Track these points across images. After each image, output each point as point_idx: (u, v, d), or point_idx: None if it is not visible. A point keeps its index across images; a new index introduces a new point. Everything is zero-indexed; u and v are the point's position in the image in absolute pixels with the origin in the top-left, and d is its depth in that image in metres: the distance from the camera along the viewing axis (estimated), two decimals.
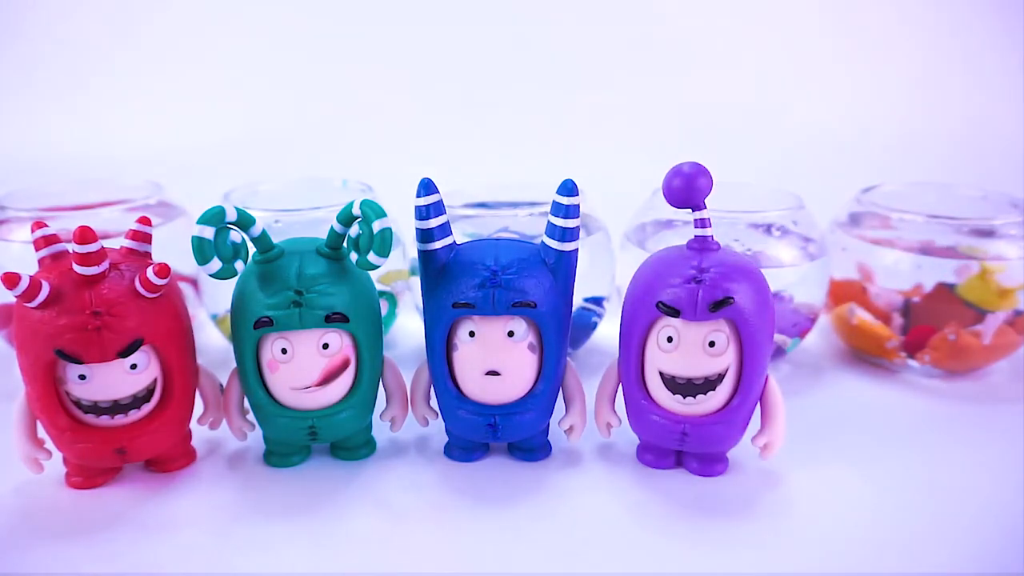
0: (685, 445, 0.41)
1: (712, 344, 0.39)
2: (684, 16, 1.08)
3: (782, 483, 0.42)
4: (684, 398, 0.40)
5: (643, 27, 1.08)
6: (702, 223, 0.39)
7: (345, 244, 0.40)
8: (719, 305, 0.37)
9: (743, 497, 0.41)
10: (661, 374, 0.40)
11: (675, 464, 0.43)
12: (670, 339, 0.39)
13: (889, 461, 0.44)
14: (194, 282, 0.58)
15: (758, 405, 0.41)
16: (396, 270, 0.57)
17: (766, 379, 0.41)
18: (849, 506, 0.40)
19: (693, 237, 0.40)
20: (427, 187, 0.39)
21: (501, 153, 1.00)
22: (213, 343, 0.60)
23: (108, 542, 0.37)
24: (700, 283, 0.38)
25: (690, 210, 0.39)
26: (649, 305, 0.39)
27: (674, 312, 0.38)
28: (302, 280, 0.39)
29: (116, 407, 0.39)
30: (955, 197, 0.57)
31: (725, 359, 0.39)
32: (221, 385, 0.44)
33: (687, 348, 0.39)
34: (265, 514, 0.40)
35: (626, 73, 1.08)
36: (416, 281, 0.50)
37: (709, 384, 0.39)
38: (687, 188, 0.38)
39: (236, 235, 0.39)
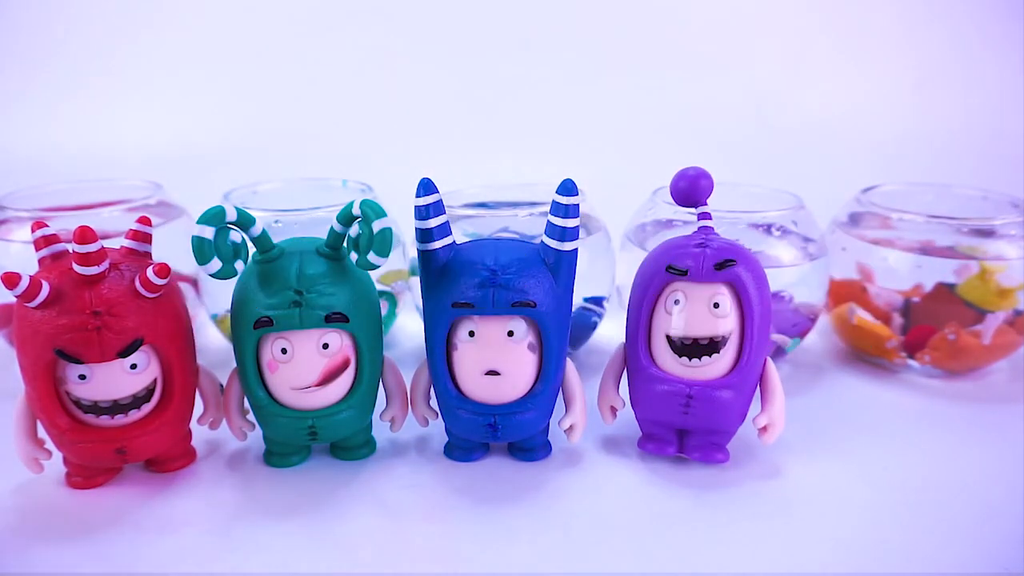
0: (689, 415, 0.41)
1: (716, 305, 0.40)
2: (684, 16, 1.08)
3: (783, 482, 0.42)
4: (690, 360, 0.41)
5: (643, 27, 1.08)
6: (705, 216, 0.42)
7: (345, 244, 0.40)
8: (723, 265, 0.40)
9: (744, 498, 0.41)
10: (668, 339, 0.41)
11: (678, 450, 0.44)
12: (677, 301, 0.41)
13: (889, 461, 0.44)
14: (194, 282, 0.58)
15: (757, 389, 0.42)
16: (396, 270, 0.57)
17: (765, 360, 0.42)
18: (849, 505, 0.40)
19: (697, 228, 0.42)
20: (427, 187, 0.39)
21: (501, 153, 1.00)
22: (213, 343, 0.60)
23: (108, 542, 0.37)
24: (705, 247, 0.41)
25: (694, 208, 0.42)
26: (658, 271, 0.41)
27: (682, 272, 0.41)
28: (302, 280, 0.39)
29: (116, 407, 0.39)
30: (955, 197, 0.58)
31: (729, 322, 0.41)
32: (221, 385, 0.44)
33: (693, 308, 0.41)
34: (265, 514, 0.40)
35: (626, 73, 1.08)
36: (416, 281, 0.50)
37: (714, 345, 0.41)
38: (691, 189, 0.42)
39: (236, 235, 0.39)
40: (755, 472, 0.43)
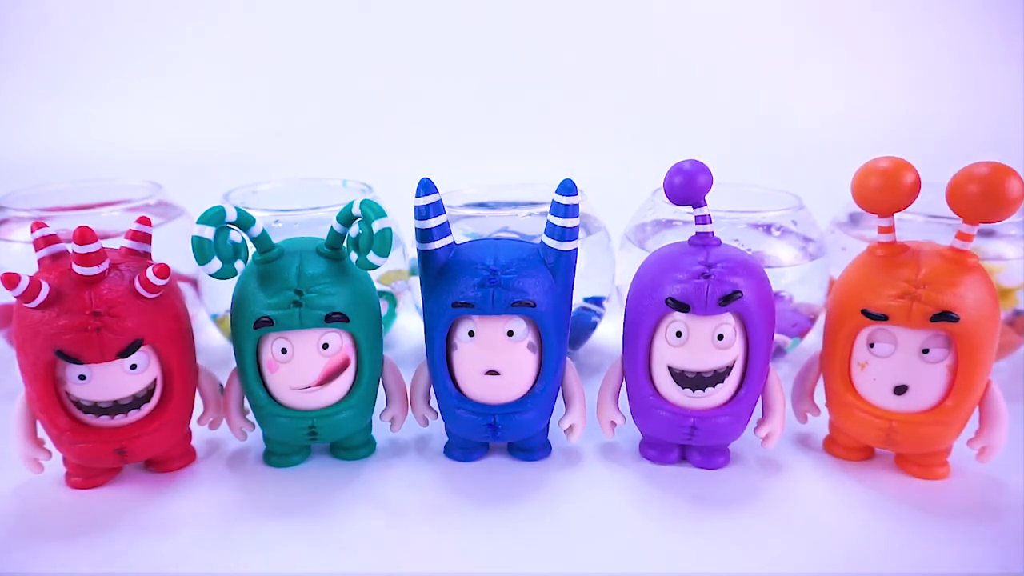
0: (694, 439, 0.41)
1: (720, 337, 0.39)
2: (684, 16, 1.08)
3: (784, 480, 0.42)
4: (693, 392, 0.40)
5: (643, 27, 1.08)
6: (703, 220, 0.40)
7: (345, 244, 0.40)
8: (728, 299, 0.38)
9: (744, 495, 0.41)
10: (670, 369, 0.40)
11: (679, 458, 0.43)
12: (679, 334, 0.39)
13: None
14: (194, 282, 0.58)
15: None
16: (396, 270, 0.57)
17: (768, 371, 0.41)
18: (849, 504, 0.40)
19: (695, 234, 0.40)
20: (427, 187, 0.39)
21: (501, 153, 1.00)
22: (213, 343, 0.60)
23: (108, 542, 0.37)
24: (708, 278, 0.38)
25: (691, 207, 0.40)
26: (656, 301, 0.39)
27: (684, 307, 0.38)
28: (302, 280, 0.39)
29: (116, 407, 0.39)
30: None
31: (733, 351, 0.40)
32: (221, 385, 0.44)
33: (696, 342, 0.39)
34: (265, 514, 0.40)
35: (626, 73, 1.08)
36: (416, 281, 0.50)
37: (718, 377, 0.40)
38: (688, 185, 0.39)
39: (236, 235, 0.39)
40: (755, 471, 0.43)
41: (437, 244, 0.40)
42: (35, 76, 1.07)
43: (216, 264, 0.38)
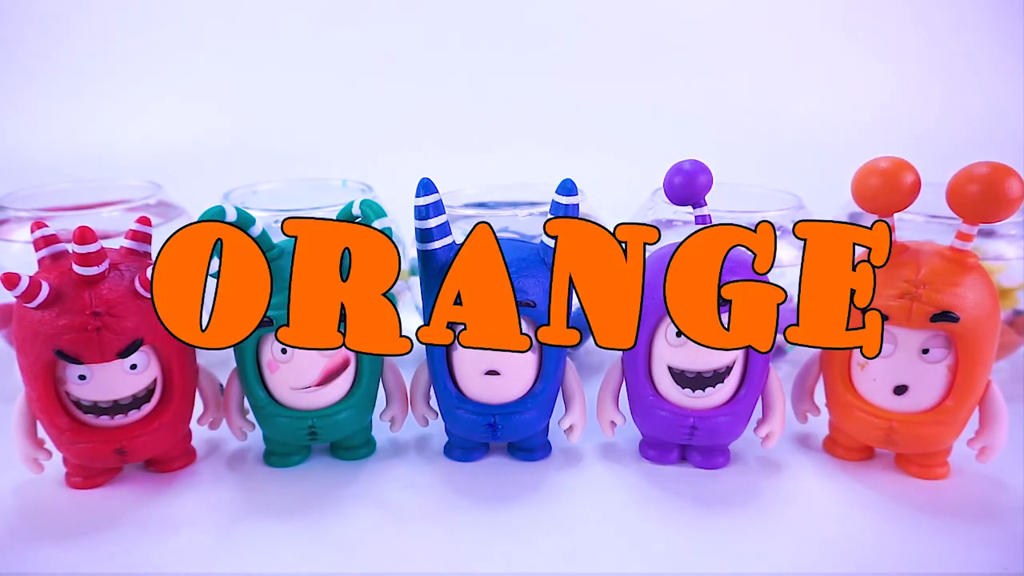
0: (694, 439, 0.41)
1: None
2: (684, 16, 1.08)
3: (784, 480, 0.42)
4: (693, 391, 0.40)
5: (643, 27, 1.08)
6: (703, 220, 0.40)
7: None
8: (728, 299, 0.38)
9: (744, 495, 0.41)
10: (670, 369, 0.40)
11: (679, 458, 0.43)
12: (679, 333, 0.39)
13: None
14: None
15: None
16: None
17: (768, 371, 0.41)
18: (849, 505, 0.40)
19: None
20: (426, 187, 0.39)
21: (501, 153, 1.00)
22: None
23: (108, 542, 0.37)
24: None
25: (691, 207, 0.40)
26: (656, 301, 0.39)
27: None
28: None
29: (116, 407, 0.39)
30: None
31: (733, 351, 0.39)
32: (221, 385, 0.44)
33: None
34: (265, 514, 0.40)
35: (626, 73, 1.08)
36: (416, 281, 0.50)
37: (718, 376, 0.40)
38: (688, 185, 0.39)
39: None
40: (755, 471, 0.43)
41: (437, 244, 0.40)
42: (35, 76, 1.07)
43: (216, 263, 0.38)
